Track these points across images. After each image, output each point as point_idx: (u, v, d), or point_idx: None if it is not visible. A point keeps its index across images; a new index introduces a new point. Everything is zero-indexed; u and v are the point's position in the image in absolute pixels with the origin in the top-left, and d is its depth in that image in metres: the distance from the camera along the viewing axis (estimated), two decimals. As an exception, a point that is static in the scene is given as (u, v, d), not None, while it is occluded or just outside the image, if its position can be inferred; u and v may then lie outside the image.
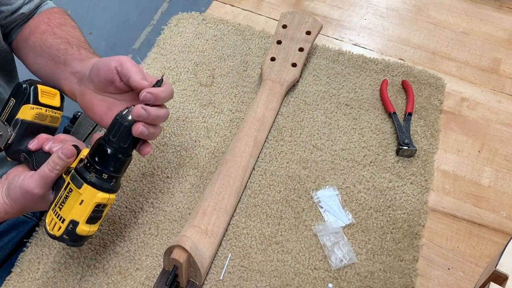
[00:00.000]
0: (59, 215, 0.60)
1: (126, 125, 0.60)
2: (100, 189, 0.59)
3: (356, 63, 0.99)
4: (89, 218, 0.60)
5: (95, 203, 0.60)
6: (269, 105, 0.87)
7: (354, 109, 0.91)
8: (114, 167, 0.60)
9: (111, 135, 0.60)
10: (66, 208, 0.60)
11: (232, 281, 0.71)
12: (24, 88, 0.66)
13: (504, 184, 0.84)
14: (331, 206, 0.79)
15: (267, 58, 0.93)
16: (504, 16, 1.12)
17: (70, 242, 0.61)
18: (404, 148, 0.84)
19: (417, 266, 0.74)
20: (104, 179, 0.60)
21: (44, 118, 0.67)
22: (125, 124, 0.60)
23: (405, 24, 1.09)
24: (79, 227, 0.60)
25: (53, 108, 0.68)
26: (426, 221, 0.79)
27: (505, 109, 0.95)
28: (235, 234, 0.76)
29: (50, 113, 0.68)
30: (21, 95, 0.66)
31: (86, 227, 0.60)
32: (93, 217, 0.60)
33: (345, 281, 0.72)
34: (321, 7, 1.12)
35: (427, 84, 0.95)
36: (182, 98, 0.92)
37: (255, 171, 0.82)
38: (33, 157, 0.65)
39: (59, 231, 0.60)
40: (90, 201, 0.59)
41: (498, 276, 0.67)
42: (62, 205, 0.60)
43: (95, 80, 0.67)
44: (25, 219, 0.87)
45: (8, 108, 0.66)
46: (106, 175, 0.60)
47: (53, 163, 0.61)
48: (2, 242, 0.85)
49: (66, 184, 0.61)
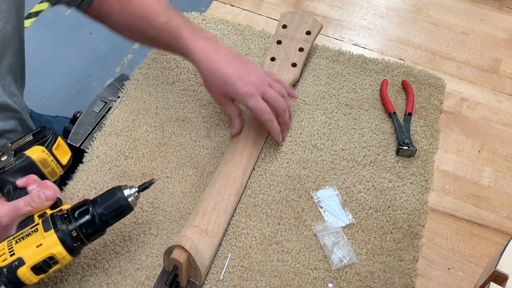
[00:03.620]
0: (12, 248, 0.59)
1: (123, 205, 0.62)
2: (63, 243, 0.59)
3: (356, 63, 0.99)
4: (36, 265, 0.58)
5: (50, 253, 0.59)
6: None
7: (354, 109, 0.91)
8: (87, 230, 0.60)
9: (102, 203, 0.61)
10: (22, 245, 0.59)
11: (232, 281, 0.71)
12: (46, 132, 0.68)
13: (504, 184, 0.84)
14: (331, 206, 0.79)
15: (267, 58, 0.93)
16: (504, 16, 1.12)
17: (4, 279, 0.58)
18: (404, 148, 0.84)
19: (417, 266, 0.74)
20: (72, 236, 0.60)
21: (47, 166, 0.68)
22: (122, 204, 0.62)
23: (405, 24, 1.09)
24: (23, 268, 0.58)
25: (58, 163, 0.69)
26: (426, 221, 0.79)
27: (505, 109, 0.95)
28: (235, 234, 0.76)
29: (53, 165, 0.69)
30: (40, 136, 0.68)
31: (28, 272, 0.58)
32: (40, 267, 0.59)
33: (345, 281, 0.72)
34: (321, 7, 1.12)
35: (427, 84, 0.95)
36: (182, 98, 0.92)
37: (255, 171, 0.82)
38: (17, 193, 0.65)
39: (2, 262, 0.58)
40: (48, 249, 0.58)
41: (498, 276, 0.67)
42: (20, 241, 0.59)
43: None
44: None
45: (22, 141, 0.68)
46: (76, 233, 0.60)
47: (30, 199, 0.62)
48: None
49: (35, 224, 0.60)
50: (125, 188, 0.62)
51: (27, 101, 0.98)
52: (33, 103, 1.07)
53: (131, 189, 0.62)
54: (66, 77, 2.17)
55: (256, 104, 0.77)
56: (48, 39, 2.32)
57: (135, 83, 0.94)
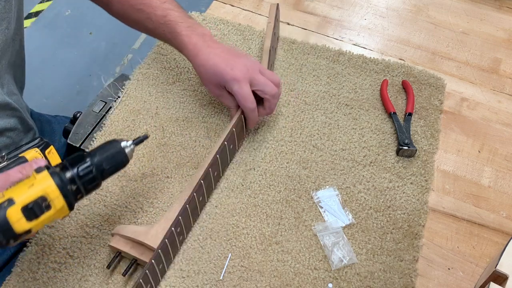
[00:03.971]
0: (3, 194, 0.54)
1: (119, 155, 0.61)
2: (56, 181, 0.55)
3: (356, 63, 0.99)
4: (27, 206, 0.53)
5: (43, 191, 0.54)
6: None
7: (354, 109, 0.91)
8: (83, 178, 0.58)
9: (99, 153, 0.60)
10: (13, 189, 0.55)
11: (232, 281, 0.71)
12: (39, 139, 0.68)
13: (504, 184, 0.84)
14: (331, 206, 0.79)
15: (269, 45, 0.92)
16: (504, 16, 1.12)
17: None
18: (404, 148, 0.84)
19: (417, 266, 0.74)
20: (67, 179, 0.56)
21: None
22: (119, 154, 0.61)
23: (405, 24, 1.09)
24: (12, 208, 0.53)
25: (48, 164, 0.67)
26: (426, 221, 0.79)
27: (505, 109, 0.95)
28: (235, 234, 0.76)
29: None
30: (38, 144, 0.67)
31: (18, 214, 0.53)
32: (31, 209, 0.54)
33: (345, 281, 0.72)
34: (321, 7, 1.12)
35: (427, 84, 0.96)
36: (182, 98, 0.92)
37: (255, 171, 0.82)
38: None
39: None
40: (39, 186, 0.54)
41: (498, 276, 0.67)
42: (11, 188, 0.55)
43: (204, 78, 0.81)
44: None
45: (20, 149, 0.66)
46: (71, 177, 0.57)
47: (21, 167, 0.59)
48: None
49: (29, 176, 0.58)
50: (121, 140, 0.62)
51: (27, 101, 0.98)
52: (33, 103, 1.07)
53: (127, 142, 0.62)
54: (66, 77, 2.17)
55: (239, 90, 0.77)
56: (48, 39, 2.32)
57: (135, 83, 0.94)
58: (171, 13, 0.83)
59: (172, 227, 0.69)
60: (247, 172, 0.82)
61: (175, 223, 0.69)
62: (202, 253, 0.74)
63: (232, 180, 0.82)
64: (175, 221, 0.69)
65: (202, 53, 0.79)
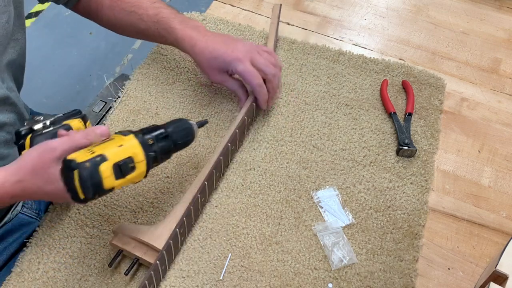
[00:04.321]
0: (92, 150, 0.57)
1: (191, 130, 0.68)
2: (142, 145, 0.60)
3: (356, 63, 0.98)
4: (117, 163, 0.56)
5: (131, 152, 0.58)
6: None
7: (354, 109, 0.91)
8: (161, 145, 0.63)
9: (172, 126, 0.66)
10: (103, 146, 0.57)
11: (232, 281, 0.71)
12: (79, 112, 0.70)
13: (504, 184, 0.84)
14: (331, 206, 0.79)
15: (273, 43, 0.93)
16: (504, 16, 1.12)
17: (86, 173, 0.54)
18: (404, 148, 0.84)
19: (417, 266, 0.74)
20: (149, 144, 0.61)
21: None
22: (190, 129, 0.68)
23: (405, 24, 1.09)
24: (105, 164, 0.55)
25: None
26: (426, 221, 0.79)
27: (505, 109, 0.95)
28: (235, 234, 0.76)
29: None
30: (75, 113, 0.69)
31: (109, 170, 0.56)
32: (120, 167, 0.57)
33: (345, 281, 0.72)
34: (321, 7, 1.12)
35: (427, 84, 0.95)
36: (182, 98, 0.92)
37: (255, 171, 0.82)
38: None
39: (82, 158, 0.55)
40: (129, 148, 0.58)
41: (498, 276, 0.67)
42: (98, 145, 0.58)
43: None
44: (30, 219, 0.88)
45: (59, 118, 0.68)
46: (152, 141, 0.61)
47: (85, 133, 0.61)
48: (7, 242, 0.85)
49: (107, 138, 0.61)
50: (188, 119, 0.69)
51: (27, 101, 0.98)
52: (33, 102, 1.06)
53: (192, 122, 0.70)
54: (66, 77, 2.16)
55: (245, 68, 0.79)
56: (48, 39, 2.32)
57: (135, 83, 0.94)
58: (162, 10, 0.85)
59: (177, 228, 0.69)
60: (247, 172, 0.82)
61: (180, 224, 0.70)
62: (202, 253, 0.74)
63: (232, 180, 0.82)
64: (180, 222, 0.70)
65: (199, 42, 0.81)
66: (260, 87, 0.81)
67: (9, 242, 0.85)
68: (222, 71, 0.82)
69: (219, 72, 0.82)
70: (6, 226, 0.85)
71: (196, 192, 0.72)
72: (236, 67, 0.79)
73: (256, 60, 0.80)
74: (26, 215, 0.89)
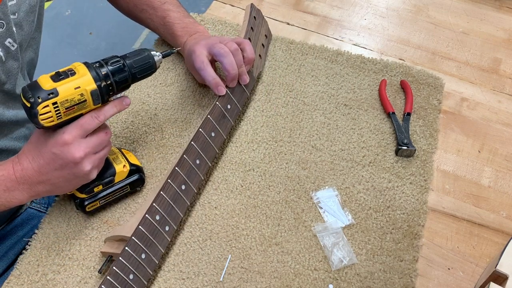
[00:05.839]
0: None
1: (150, 61, 0.70)
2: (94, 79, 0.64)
3: (354, 63, 0.98)
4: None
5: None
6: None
7: (353, 109, 0.91)
8: (115, 76, 0.66)
9: (131, 57, 0.68)
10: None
11: (232, 283, 0.71)
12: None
13: (504, 184, 0.84)
14: (330, 206, 0.79)
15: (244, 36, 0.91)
16: (504, 16, 1.12)
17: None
18: (403, 148, 0.84)
19: (417, 266, 0.74)
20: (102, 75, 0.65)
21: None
22: (149, 59, 0.69)
23: (405, 24, 1.09)
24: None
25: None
26: (425, 221, 0.79)
27: (505, 109, 0.94)
28: (234, 236, 0.76)
29: None
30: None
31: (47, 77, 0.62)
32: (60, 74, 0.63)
33: (345, 281, 0.72)
34: (321, 7, 1.12)
35: (425, 84, 0.95)
36: (181, 99, 0.92)
37: (254, 172, 0.82)
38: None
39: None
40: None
41: (498, 276, 0.67)
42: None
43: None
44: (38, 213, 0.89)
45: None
46: (104, 71, 0.65)
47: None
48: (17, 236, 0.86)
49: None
50: (151, 50, 0.70)
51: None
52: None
53: (156, 52, 0.71)
54: (66, 78, 2.17)
55: (199, 64, 0.80)
56: (48, 39, 2.32)
57: (134, 84, 0.93)
58: (170, 14, 0.87)
59: (147, 214, 0.68)
60: (246, 173, 0.82)
61: (150, 210, 0.69)
62: (202, 255, 0.74)
63: (231, 181, 0.82)
64: (150, 208, 0.69)
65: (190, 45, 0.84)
66: (227, 54, 0.79)
67: (20, 236, 0.86)
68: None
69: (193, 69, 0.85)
70: (15, 221, 0.87)
71: (166, 178, 0.72)
72: (194, 61, 0.81)
73: (216, 43, 0.81)
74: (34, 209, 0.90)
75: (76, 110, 0.63)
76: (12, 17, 0.72)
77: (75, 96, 0.62)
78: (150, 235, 0.68)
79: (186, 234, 0.76)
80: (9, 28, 0.72)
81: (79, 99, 0.62)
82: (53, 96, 0.60)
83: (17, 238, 0.87)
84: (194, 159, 0.76)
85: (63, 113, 0.62)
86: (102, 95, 0.65)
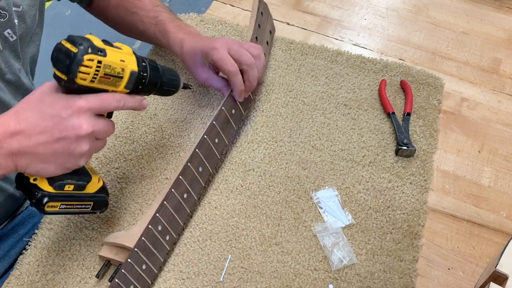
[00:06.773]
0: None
1: (177, 80, 0.71)
2: (137, 60, 0.63)
3: (354, 63, 0.98)
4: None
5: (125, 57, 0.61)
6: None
7: (353, 109, 0.91)
8: (152, 74, 0.66)
9: (165, 70, 0.70)
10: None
11: (232, 283, 0.71)
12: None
13: (504, 184, 0.84)
14: (330, 206, 0.79)
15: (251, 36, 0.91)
16: (504, 16, 1.12)
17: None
18: (403, 148, 0.84)
19: (417, 266, 0.74)
20: (143, 63, 0.64)
21: None
22: (177, 79, 0.71)
23: (405, 24, 1.09)
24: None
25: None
26: (425, 221, 0.78)
27: (505, 109, 0.94)
28: (234, 236, 0.76)
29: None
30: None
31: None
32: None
33: (345, 281, 0.72)
34: (321, 7, 1.12)
35: (425, 84, 0.95)
36: (180, 99, 0.92)
37: (254, 172, 0.82)
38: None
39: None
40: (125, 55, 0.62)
41: (498, 276, 0.67)
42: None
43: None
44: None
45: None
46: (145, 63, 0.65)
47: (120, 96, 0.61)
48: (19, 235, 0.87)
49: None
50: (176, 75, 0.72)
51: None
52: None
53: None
54: (66, 78, 2.16)
55: (219, 55, 0.77)
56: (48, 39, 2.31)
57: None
58: (162, 14, 0.87)
59: (150, 225, 0.68)
60: (246, 173, 0.82)
61: (153, 221, 0.69)
62: (202, 255, 0.74)
63: (231, 181, 0.81)
64: (153, 219, 0.69)
65: (186, 42, 0.82)
66: (234, 76, 0.78)
67: (21, 234, 0.86)
68: (206, 67, 0.81)
69: (203, 68, 0.82)
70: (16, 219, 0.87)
71: (169, 187, 0.71)
72: (212, 56, 0.77)
73: (233, 49, 0.78)
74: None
75: (109, 82, 0.59)
76: (15, 9, 0.73)
77: (117, 67, 0.59)
78: (151, 246, 0.69)
79: (186, 234, 0.76)
80: (11, 20, 0.73)
81: (118, 72, 0.59)
82: (101, 55, 0.57)
83: (18, 236, 0.87)
84: (198, 167, 0.76)
85: (99, 78, 0.57)
86: (136, 82, 0.62)
